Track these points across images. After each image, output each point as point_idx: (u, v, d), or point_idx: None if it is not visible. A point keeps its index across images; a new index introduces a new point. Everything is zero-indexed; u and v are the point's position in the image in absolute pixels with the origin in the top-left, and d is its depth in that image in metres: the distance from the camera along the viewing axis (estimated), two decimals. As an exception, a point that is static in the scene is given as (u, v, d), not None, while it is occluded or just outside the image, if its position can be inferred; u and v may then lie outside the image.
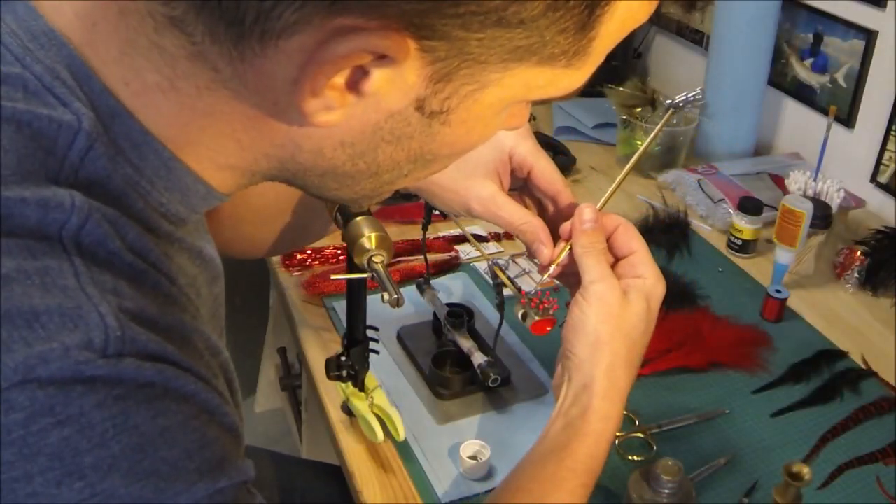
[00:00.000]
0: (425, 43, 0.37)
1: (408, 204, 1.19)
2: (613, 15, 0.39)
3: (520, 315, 0.74)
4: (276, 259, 1.14)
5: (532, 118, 1.55)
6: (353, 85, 0.38)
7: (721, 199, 1.30)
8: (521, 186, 0.73)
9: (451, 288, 1.11)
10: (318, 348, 0.99)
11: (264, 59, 0.37)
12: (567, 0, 0.37)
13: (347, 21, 0.35)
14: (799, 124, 1.51)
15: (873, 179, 1.35)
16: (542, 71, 0.41)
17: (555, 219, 0.70)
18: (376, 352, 0.85)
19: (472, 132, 0.45)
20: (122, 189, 0.41)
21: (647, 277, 0.66)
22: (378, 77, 0.38)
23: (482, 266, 1.15)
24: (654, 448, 0.87)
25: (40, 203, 0.37)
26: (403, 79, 0.38)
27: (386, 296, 0.72)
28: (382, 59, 0.37)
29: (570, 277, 0.67)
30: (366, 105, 0.40)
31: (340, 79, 0.37)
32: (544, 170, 0.70)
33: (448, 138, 0.44)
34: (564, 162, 1.44)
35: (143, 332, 0.38)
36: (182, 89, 0.40)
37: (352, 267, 0.78)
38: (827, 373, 1.00)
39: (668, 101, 1.45)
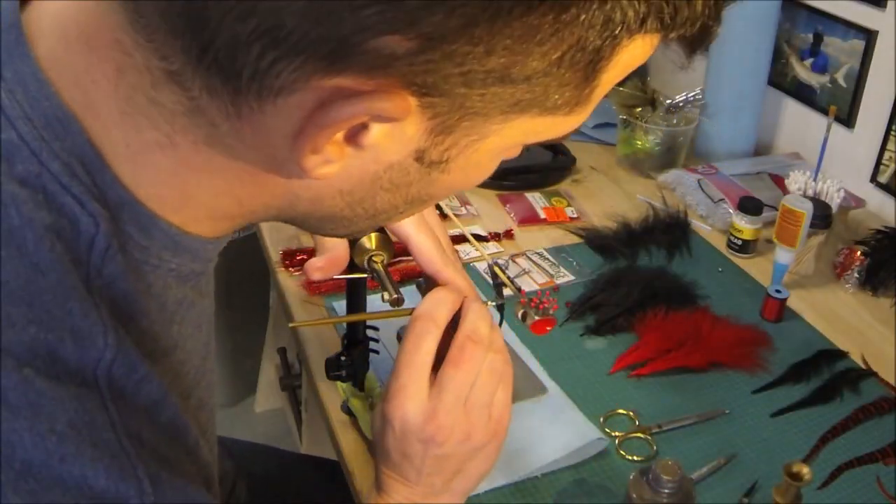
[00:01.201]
0: (426, 100, 0.36)
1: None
2: (616, 63, 0.39)
3: (520, 315, 0.74)
4: (276, 259, 1.14)
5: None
6: (352, 138, 0.38)
7: (721, 199, 1.30)
8: None
9: (451, 288, 1.11)
10: (318, 348, 0.99)
11: (262, 115, 0.37)
12: (572, 56, 0.36)
13: (346, 82, 0.34)
14: (799, 124, 1.51)
15: (873, 179, 1.35)
16: (543, 120, 0.40)
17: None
18: (376, 352, 0.85)
19: (469, 176, 0.45)
20: (132, 274, 0.43)
21: None
22: (377, 131, 0.37)
23: (482, 266, 1.15)
24: (654, 448, 0.87)
25: (80, 342, 0.39)
26: (403, 132, 0.38)
27: (386, 295, 0.72)
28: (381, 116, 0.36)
29: None
30: (364, 157, 0.39)
31: (339, 135, 0.37)
32: (419, 246, 0.66)
33: (446, 184, 0.44)
34: (564, 162, 1.44)
35: (171, 491, 0.41)
36: (180, 145, 0.40)
37: (352, 267, 0.78)
38: (827, 373, 1.00)
39: (669, 102, 1.46)
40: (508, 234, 1.24)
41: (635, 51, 0.39)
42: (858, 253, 1.17)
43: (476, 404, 0.60)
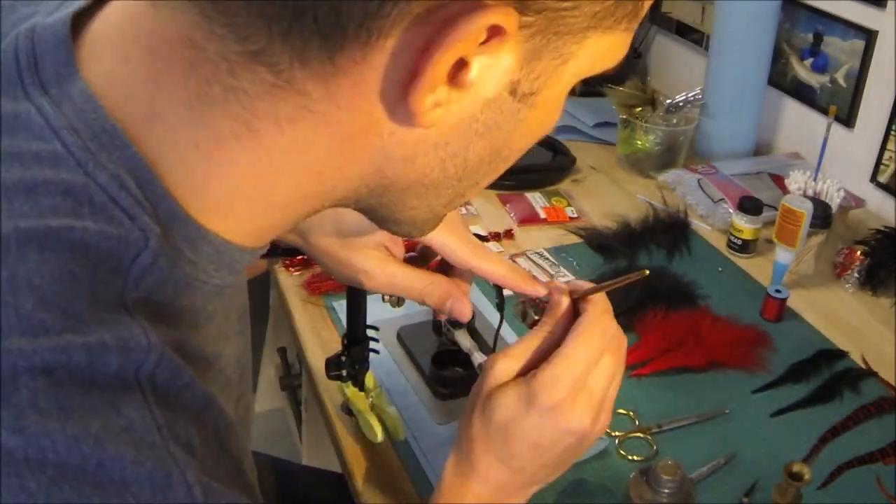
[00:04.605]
0: (523, 19, 0.36)
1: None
2: None
3: (519, 314, 0.74)
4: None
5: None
6: (454, 79, 0.37)
7: (721, 199, 1.30)
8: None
9: (451, 288, 1.11)
10: (318, 348, 0.99)
11: (367, 66, 0.36)
12: None
13: (455, 4, 0.35)
14: (799, 124, 1.51)
15: (873, 179, 1.35)
16: (606, 38, 0.41)
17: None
18: (376, 351, 0.85)
19: (548, 116, 0.45)
20: (181, 289, 0.42)
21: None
22: (478, 65, 0.37)
23: (482, 266, 1.15)
24: (654, 448, 0.87)
25: (120, 345, 0.37)
26: (499, 63, 0.38)
27: (386, 296, 0.72)
28: (484, 44, 0.36)
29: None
30: (464, 98, 0.39)
31: (444, 72, 0.37)
32: (447, 248, 0.65)
33: (530, 124, 0.44)
34: (564, 162, 1.44)
35: (223, 500, 0.38)
36: (260, 130, 0.38)
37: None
38: (827, 373, 1.00)
39: (669, 102, 1.46)
40: (508, 234, 1.24)
41: None
42: (858, 253, 1.17)
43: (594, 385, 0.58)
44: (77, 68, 0.39)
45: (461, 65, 0.37)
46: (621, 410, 0.92)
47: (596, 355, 0.57)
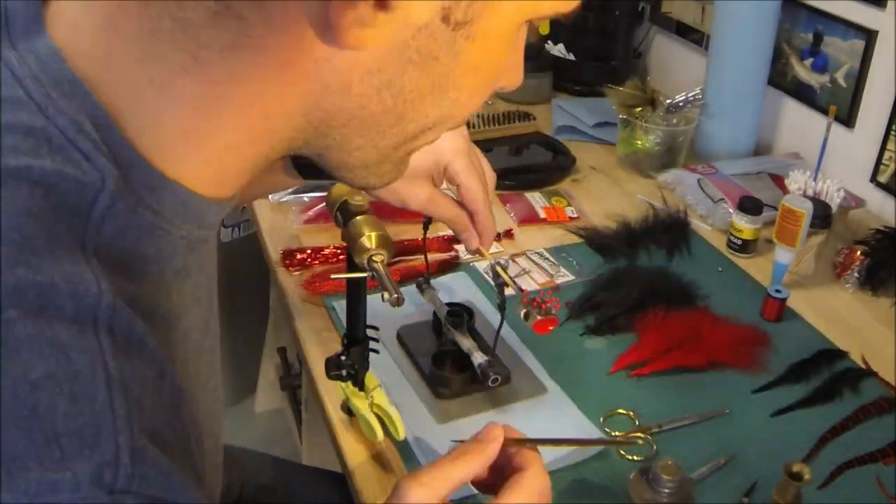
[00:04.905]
0: None
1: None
2: None
3: (522, 314, 0.74)
4: (275, 259, 1.14)
5: (532, 118, 1.55)
6: (381, 0, 0.38)
7: (721, 199, 1.30)
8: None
9: (452, 287, 1.11)
10: (318, 348, 0.99)
11: None
12: None
13: None
14: (799, 124, 1.51)
15: (873, 179, 1.35)
16: None
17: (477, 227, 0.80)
18: (376, 351, 0.85)
19: (492, 53, 0.45)
20: (143, 236, 0.43)
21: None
22: None
23: (482, 265, 1.15)
24: (654, 448, 0.87)
25: (70, 289, 0.37)
26: None
27: (386, 295, 0.72)
28: None
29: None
30: (393, 21, 0.39)
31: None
32: (468, 190, 0.77)
33: (472, 59, 0.44)
34: (564, 162, 1.44)
35: (153, 470, 0.37)
36: (205, 59, 0.40)
37: (352, 266, 0.78)
38: (827, 373, 1.00)
39: (669, 102, 1.46)
40: (508, 234, 1.24)
41: None
42: (858, 253, 1.17)
43: None
44: (44, 25, 0.42)
45: None
46: (621, 410, 0.92)
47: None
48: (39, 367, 0.35)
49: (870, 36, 1.31)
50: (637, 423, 0.90)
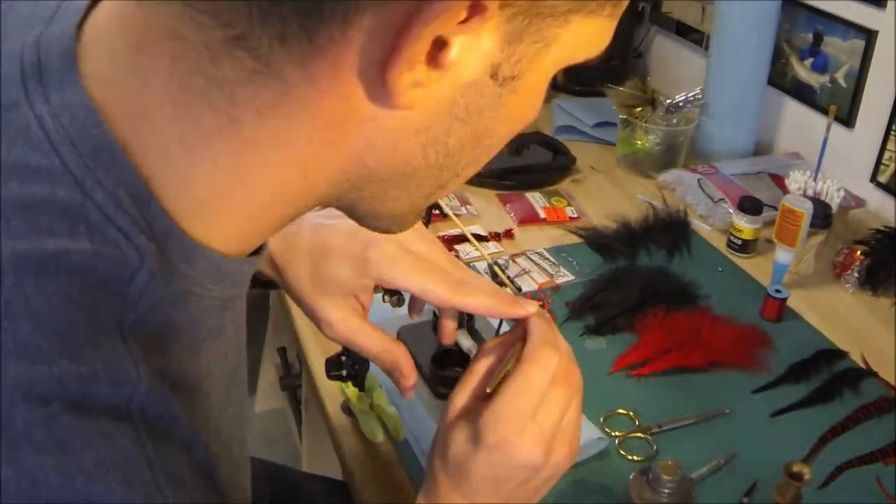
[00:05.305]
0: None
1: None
2: None
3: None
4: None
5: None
6: (433, 59, 0.37)
7: (721, 199, 1.30)
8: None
9: (451, 288, 1.11)
10: (318, 348, 0.99)
11: (343, 44, 0.36)
12: None
13: None
14: (799, 124, 1.51)
15: (873, 179, 1.35)
16: (589, 23, 0.41)
17: None
18: (376, 352, 0.85)
19: (528, 103, 0.44)
20: (177, 305, 0.42)
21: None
22: (458, 45, 0.37)
23: (482, 266, 1.15)
24: (654, 448, 0.87)
25: (110, 376, 0.37)
26: (479, 44, 0.38)
27: (386, 295, 0.72)
28: (464, 22, 0.36)
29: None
30: (444, 79, 0.38)
31: (423, 49, 0.36)
32: (427, 293, 0.64)
33: (511, 111, 0.43)
34: (564, 162, 1.44)
35: None
36: (241, 119, 0.38)
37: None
38: (827, 373, 1.00)
39: (669, 102, 1.46)
40: (508, 234, 1.24)
41: None
42: (858, 253, 1.17)
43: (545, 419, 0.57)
44: (79, 76, 0.39)
45: (441, 44, 0.36)
46: (621, 410, 0.92)
47: (539, 390, 0.57)
48: (91, 456, 0.35)
49: (870, 36, 1.31)
50: (637, 423, 0.90)
